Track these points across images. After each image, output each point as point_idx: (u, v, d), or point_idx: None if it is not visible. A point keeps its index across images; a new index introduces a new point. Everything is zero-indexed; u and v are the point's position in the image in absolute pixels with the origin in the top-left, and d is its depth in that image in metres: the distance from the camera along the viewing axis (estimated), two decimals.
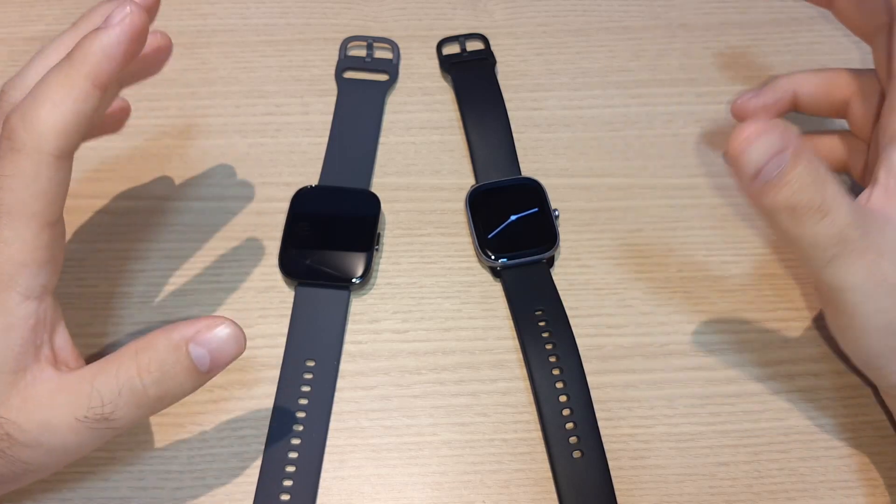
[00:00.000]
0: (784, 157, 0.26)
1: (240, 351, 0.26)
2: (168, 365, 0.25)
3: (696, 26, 0.44)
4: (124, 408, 0.25)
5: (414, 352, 0.34)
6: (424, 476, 0.31)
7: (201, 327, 0.26)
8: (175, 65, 0.42)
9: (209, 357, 0.26)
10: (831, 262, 0.27)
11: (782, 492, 0.31)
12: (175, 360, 0.25)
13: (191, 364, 0.25)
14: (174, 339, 0.25)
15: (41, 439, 0.25)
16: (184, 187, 0.38)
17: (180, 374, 0.25)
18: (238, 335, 0.26)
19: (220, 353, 0.26)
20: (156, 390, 0.25)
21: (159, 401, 0.26)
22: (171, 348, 0.25)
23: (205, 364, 0.26)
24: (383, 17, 0.44)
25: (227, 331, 0.26)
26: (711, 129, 0.41)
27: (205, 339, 0.25)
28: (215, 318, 0.26)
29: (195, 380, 0.26)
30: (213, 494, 0.31)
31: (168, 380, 0.25)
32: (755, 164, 0.26)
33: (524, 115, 0.41)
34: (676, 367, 0.34)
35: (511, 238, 0.36)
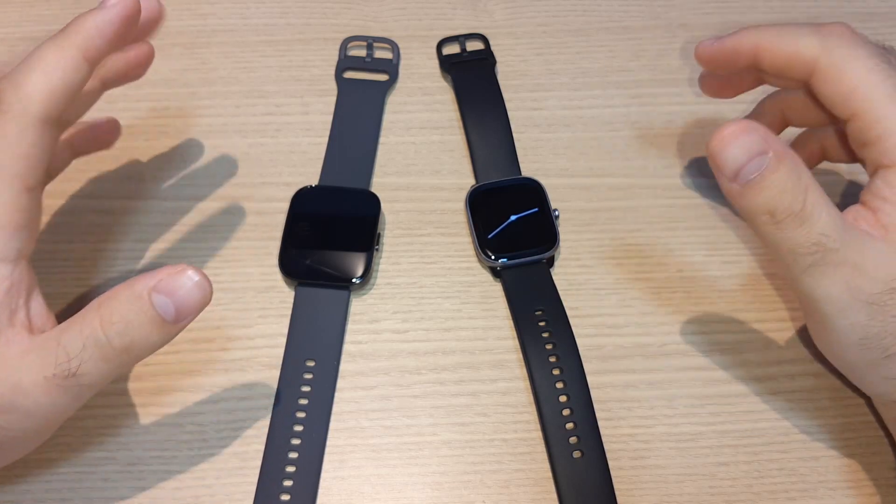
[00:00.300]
0: (765, 159, 0.25)
1: (205, 299, 0.25)
2: (131, 315, 0.25)
3: (696, 26, 0.44)
4: (90, 362, 0.25)
5: (414, 352, 0.34)
6: (424, 476, 0.31)
7: (163, 276, 0.25)
8: (175, 65, 0.42)
9: (173, 306, 0.25)
10: (808, 271, 0.27)
11: (782, 492, 0.31)
12: (138, 310, 0.25)
13: (154, 314, 0.25)
14: (136, 289, 0.25)
15: (15, 402, 0.25)
16: (184, 187, 0.38)
17: (145, 324, 0.25)
18: (203, 283, 0.25)
19: (184, 302, 0.25)
20: (120, 341, 0.25)
21: (125, 352, 0.25)
22: (133, 298, 0.25)
23: (170, 313, 0.25)
24: (383, 17, 0.44)
25: (191, 279, 0.25)
26: (711, 130, 0.40)
27: (167, 288, 0.25)
28: (178, 266, 0.25)
29: (162, 330, 0.25)
30: (213, 494, 0.31)
31: (132, 330, 0.25)
32: (735, 163, 0.26)
33: (524, 115, 0.41)
34: (676, 367, 0.34)
35: (511, 238, 0.36)
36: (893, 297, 0.27)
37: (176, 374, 0.33)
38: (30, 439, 0.27)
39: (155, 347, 0.26)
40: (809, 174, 0.26)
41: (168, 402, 0.33)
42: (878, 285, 0.27)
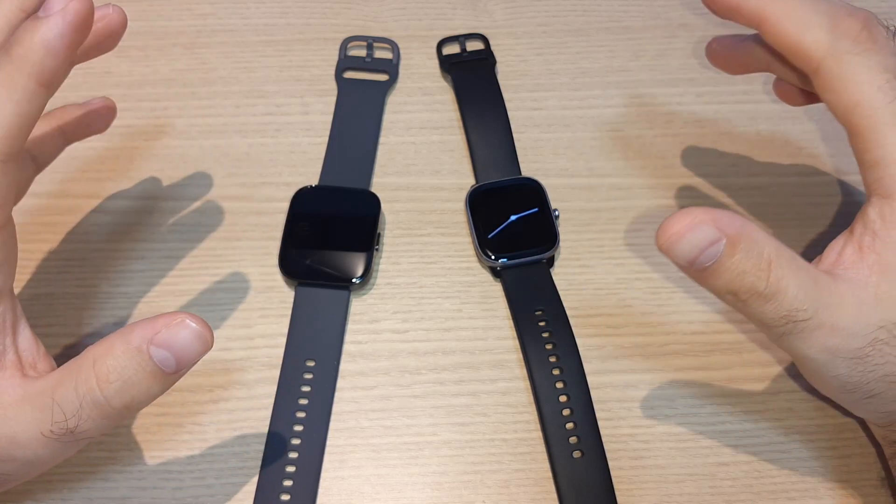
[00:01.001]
0: (718, 246, 0.24)
1: (205, 347, 0.24)
2: (129, 372, 0.24)
3: (696, 26, 0.44)
4: (88, 420, 0.24)
5: (414, 352, 0.34)
6: (424, 476, 0.31)
7: (160, 327, 0.24)
8: (175, 65, 0.42)
9: (174, 358, 0.24)
10: (782, 338, 0.26)
11: (782, 492, 0.31)
12: (136, 366, 0.24)
13: (154, 367, 0.24)
14: (133, 343, 0.24)
15: (12, 453, 0.24)
16: (184, 187, 0.38)
17: (144, 379, 0.24)
18: (202, 332, 0.24)
19: (185, 353, 0.24)
20: (119, 400, 0.24)
21: (126, 409, 0.24)
22: (131, 353, 0.24)
23: (170, 366, 0.24)
24: (383, 17, 0.44)
25: (190, 329, 0.24)
26: (711, 129, 0.41)
27: (166, 341, 0.23)
28: (175, 316, 0.24)
29: (161, 382, 0.24)
30: (213, 494, 0.31)
31: (131, 387, 0.24)
32: (687, 256, 0.25)
33: (524, 115, 0.41)
34: (676, 367, 0.34)
35: (511, 238, 0.36)
36: (875, 347, 0.26)
37: None
38: (27, 477, 0.27)
39: (154, 398, 0.25)
40: (774, 245, 0.25)
41: (168, 403, 0.33)
42: (857, 341, 0.26)
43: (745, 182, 0.39)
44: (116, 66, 0.42)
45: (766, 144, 0.40)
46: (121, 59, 0.42)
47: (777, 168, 0.39)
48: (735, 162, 0.40)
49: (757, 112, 0.41)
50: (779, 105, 0.41)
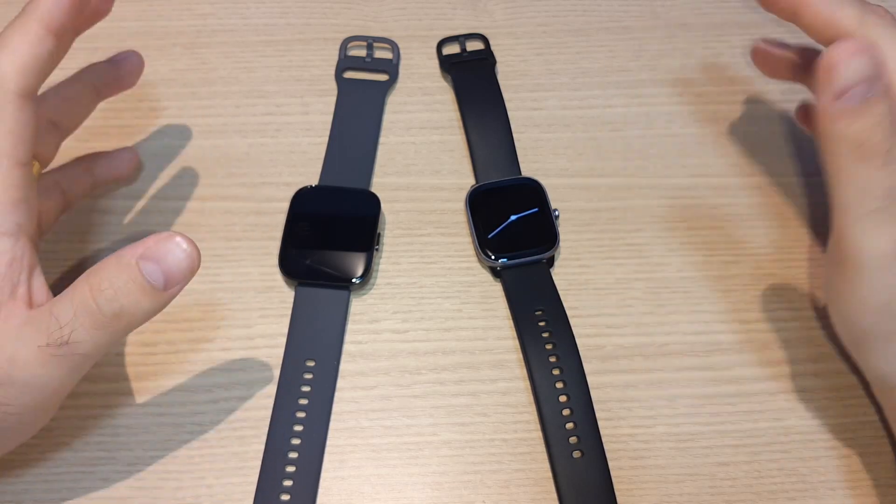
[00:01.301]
0: (875, 86, 0.25)
1: (193, 266, 0.26)
2: (120, 283, 0.25)
3: (696, 26, 0.44)
4: (81, 329, 0.25)
5: (414, 352, 0.34)
6: (424, 476, 0.31)
7: (150, 244, 0.26)
8: (175, 65, 0.42)
9: (162, 273, 0.25)
10: (867, 217, 0.26)
11: (782, 492, 0.31)
12: (127, 278, 0.25)
13: (143, 281, 0.25)
14: (125, 257, 0.25)
15: (12, 375, 0.25)
16: (184, 187, 0.38)
17: (134, 291, 0.25)
18: (191, 251, 0.26)
19: (173, 269, 0.26)
20: (110, 308, 0.25)
21: (116, 319, 0.25)
22: (122, 266, 0.25)
23: (158, 280, 0.25)
24: (383, 17, 0.44)
25: (177, 244, 0.26)
26: (711, 129, 0.41)
27: (155, 255, 0.25)
28: (165, 233, 0.26)
29: (152, 298, 0.26)
30: (213, 494, 0.31)
31: (122, 297, 0.25)
32: (844, 82, 0.25)
33: (524, 115, 0.41)
34: (676, 367, 0.34)
35: (511, 238, 0.36)
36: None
37: (176, 374, 0.33)
38: (30, 418, 0.27)
39: (147, 315, 0.26)
40: None
41: (168, 402, 0.33)
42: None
43: (745, 182, 0.39)
44: None
45: (765, 144, 0.40)
46: None
47: (777, 168, 0.39)
48: (735, 162, 0.40)
49: (756, 112, 0.41)
50: (779, 105, 0.41)
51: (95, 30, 0.43)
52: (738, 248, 0.37)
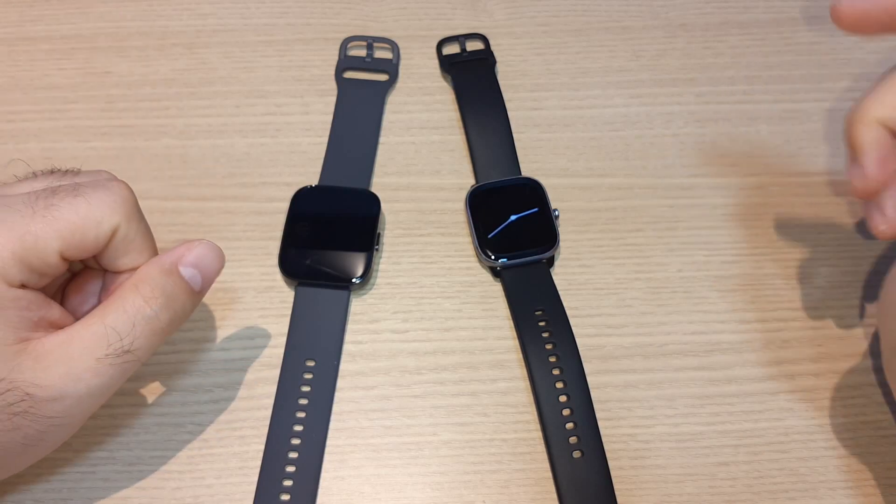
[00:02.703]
0: None
1: (222, 262, 0.29)
2: (168, 288, 0.27)
3: (696, 26, 0.44)
4: (141, 337, 0.26)
5: (414, 352, 0.34)
6: (424, 476, 0.31)
7: (183, 251, 0.28)
8: (175, 65, 0.42)
9: (199, 274, 0.28)
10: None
11: (782, 492, 0.31)
12: (173, 284, 0.27)
13: (186, 284, 0.28)
14: (166, 265, 0.28)
15: (66, 390, 0.25)
16: (184, 187, 0.38)
17: (181, 295, 0.27)
18: (216, 249, 0.29)
19: (207, 269, 0.28)
20: (166, 315, 0.27)
21: (170, 324, 0.27)
22: (166, 274, 0.27)
23: (197, 282, 0.28)
24: (383, 17, 0.44)
25: (206, 247, 0.28)
26: (711, 129, 0.41)
27: (192, 260, 0.28)
28: (191, 241, 0.28)
29: (192, 300, 0.28)
30: (213, 494, 0.31)
31: (172, 302, 0.27)
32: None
33: (524, 115, 0.41)
34: (676, 367, 0.34)
35: (511, 238, 0.36)
36: None
37: (176, 373, 0.33)
38: (69, 427, 0.27)
39: (187, 316, 0.28)
40: None
41: (168, 402, 0.33)
42: None
43: (745, 182, 0.39)
44: (116, 66, 0.42)
45: (765, 144, 0.40)
46: (121, 59, 0.42)
47: (777, 168, 0.39)
48: (735, 162, 0.40)
49: (757, 112, 0.41)
50: (779, 105, 0.41)
51: (96, 29, 0.43)
52: (738, 248, 0.37)
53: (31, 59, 0.42)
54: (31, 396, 0.25)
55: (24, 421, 0.25)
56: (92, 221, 0.26)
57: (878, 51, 0.43)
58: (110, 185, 0.27)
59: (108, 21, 0.44)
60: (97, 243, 0.27)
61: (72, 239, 0.26)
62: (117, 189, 0.27)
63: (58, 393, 0.25)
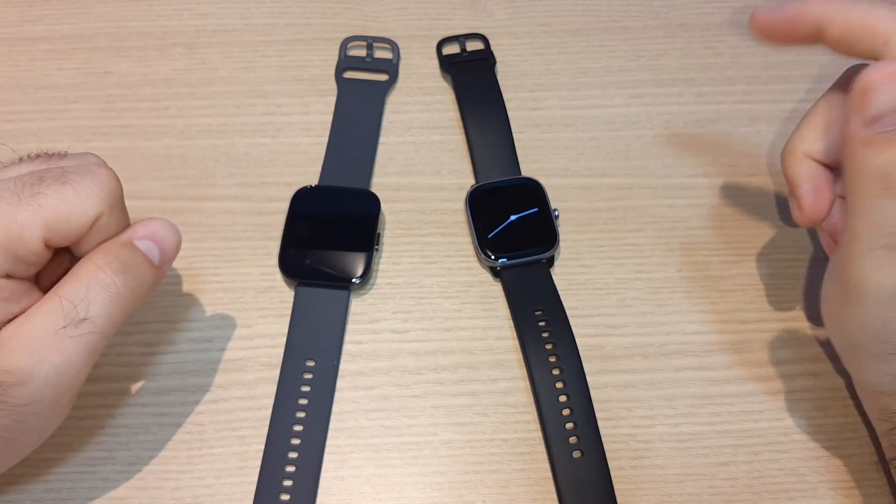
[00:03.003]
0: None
1: (177, 236, 0.28)
2: (124, 256, 0.27)
3: (696, 26, 0.44)
4: (97, 303, 0.26)
5: (414, 352, 0.34)
6: (424, 476, 0.31)
7: (137, 227, 0.28)
8: (175, 65, 0.42)
9: (156, 247, 0.28)
10: (877, 251, 0.25)
11: (782, 492, 0.31)
12: (129, 253, 0.27)
13: (142, 254, 0.27)
14: (121, 240, 0.27)
15: (32, 371, 0.25)
16: (184, 187, 0.38)
17: (139, 264, 0.27)
18: (171, 224, 0.28)
19: (163, 242, 0.28)
20: (122, 279, 0.26)
21: (128, 290, 0.26)
22: (121, 245, 0.27)
23: (155, 255, 0.28)
24: (383, 17, 0.44)
25: (161, 222, 0.28)
26: (711, 129, 0.41)
27: (146, 234, 0.28)
28: (147, 218, 0.28)
29: (152, 272, 0.28)
30: (213, 494, 0.31)
31: (130, 269, 0.27)
32: (880, 108, 0.24)
33: (524, 115, 0.41)
34: (676, 367, 0.34)
35: (511, 238, 0.36)
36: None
37: (176, 374, 0.33)
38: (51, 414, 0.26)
39: (150, 290, 0.28)
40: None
41: (168, 402, 0.33)
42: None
43: (744, 182, 0.39)
44: (116, 66, 0.42)
45: (765, 144, 0.40)
46: (121, 59, 0.42)
47: (777, 168, 0.39)
48: (735, 162, 0.40)
49: (757, 112, 0.41)
50: (779, 105, 0.41)
51: (96, 29, 0.43)
52: (738, 248, 0.37)
53: (31, 59, 0.42)
54: (1, 384, 0.24)
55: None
56: (79, 210, 0.26)
57: None
58: (98, 171, 0.27)
59: (108, 21, 0.44)
60: (80, 231, 0.26)
61: (57, 227, 0.25)
62: (104, 177, 0.27)
63: (23, 376, 0.25)
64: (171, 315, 0.35)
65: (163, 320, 0.35)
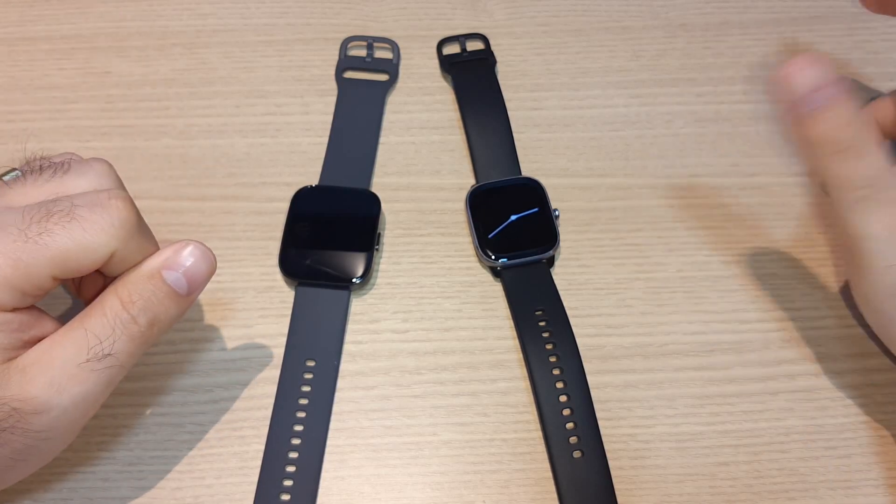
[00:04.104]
0: (830, 91, 0.27)
1: (212, 267, 0.28)
2: (148, 292, 0.27)
3: (696, 26, 0.44)
4: (121, 341, 0.26)
5: (414, 352, 0.34)
6: (424, 476, 0.31)
7: (169, 254, 0.27)
8: (175, 65, 0.42)
9: (185, 279, 0.27)
10: (855, 205, 0.28)
11: (782, 492, 0.31)
12: (154, 288, 0.27)
13: (169, 289, 0.27)
14: (147, 270, 0.27)
15: (51, 401, 0.25)
16: (184, 187, 0.38)
17: (163, 300, 0.27)
18: (206, 253, 0.28)
19: (194, 274, 0.27)
20: (144, 318, 0.26)
21: (150, 328, 0.27)
22: (147, 278, 0.27)
23: (182, 287, 0.27)
24: (383, 17, 0.44)
25: (195, 251, 0.27)
26: (711, 129, 0.41)
27: (175, 264, 0.27)
28: (181, 242, 0.27)
29: (178, 304, 0.27)
30: (213, 494, 0.31)
31: (153, 307, 0.27)
32: (800, 88, 0.27)
33: (524, 115, 0.41)
34: (676, 367, 0.34)
35: (511, 238, 0.36)
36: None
37: (176, 374, 0.33)
38: (59, 440, 0.27)
39: (174, 320, 0.28)
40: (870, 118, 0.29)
41: (168, 402, 0.33)
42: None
43: (745, 182, 0.39)
44: (116, 66, 0.42)
45: (765, 144, 0.40)
46: (121, 59, 0.42)
47: (777, 168, 0.39)
48: (735, 162, 0.40)
49: (757, 112, 0.41)
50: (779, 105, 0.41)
51: (96, 29, 0.43)
52: (738, 248, 0.37)
53: (31, 59, 0.42)
54: (18, 411, 0.24)
55: (12, 436, 0.25)
56: (88, 249, 0.25)
57: (878, 51, 0.43)
58: (109, 205, 0.26)
59: (108, 21, 0.44)
60: (92, 266, 0.26)
61: (65, 265, 0.25)
62: (115, 211, 0.26)
63: (42, 405, 0.25)
64: None
65: None
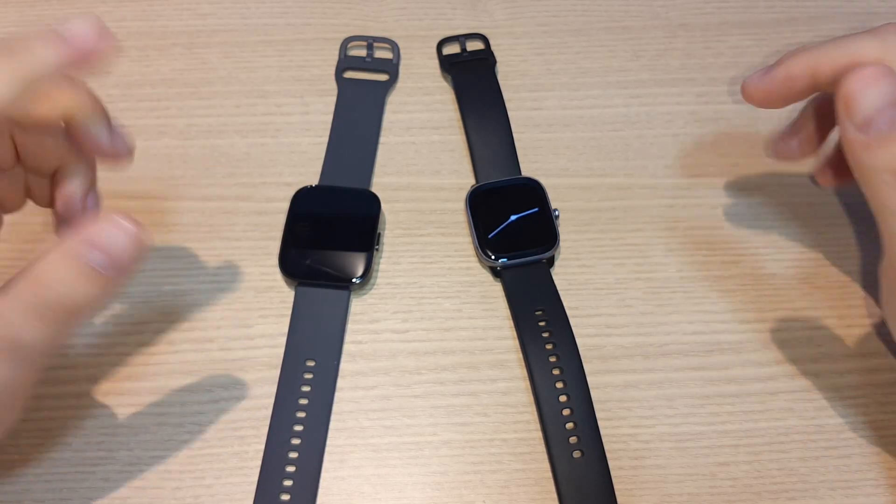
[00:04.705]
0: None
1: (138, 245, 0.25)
2: (61, 272, 0.24)
3: (696, 26, 0.44)
4: (28, 325, 0.24)
5: (414, 352, 0.34)
6: (424, 476, 0.31)
7: (91, 229, 0.25)
8: (175, 65, 0.42)
9: (107, 258, 0.24)
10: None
11: (782, 492, 0.31)
12: (67, 266, 0.24)
13: (88, 269, 0.24)
14: (65, 246, 0.24)
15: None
16: (184, 187, 0.38)
17: (79, 280, 0.24)
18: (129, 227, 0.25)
19: (117, 252, 0.24)
20: (55, 300, 0.24)
21: (64, 311, 0.24)
22: (61, 256, 0.24)
23: (102, 263, 0.24)
24: (383, 17, 0.44)
25: (116, 224, 0.25)
26: (711, 129, 0.41)
27: (96, 241, 0.24)
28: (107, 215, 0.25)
29: (97, 283, 0.24)
30: (213, 494, 0.31)
31: (65, 288, 0.24)
32: (868, 110, 0.24)
33: (524, 115, 0.41)
34: (676, 367, 0.34)
35: (511, 238, 0.36)
36: None
37: (176, 374, 0.33)
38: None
39: (95, 301, 0.25)
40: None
41: (168, 402, 0.33)
42: None
43: (745, 182, 0.39)
44: (116, 66, 0.42)
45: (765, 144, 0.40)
46: (121, 58, 0.42)
47: (777, 168, 0.39)
48: (735, 162, 0.40)
49: (757, 112, 0.41)
50: None
51: None
52: (738, 248, 0.37)
53: None
54: None
55: None
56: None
57: None
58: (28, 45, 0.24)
59: (108, 21, 0.43)
60: None
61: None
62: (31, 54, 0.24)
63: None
64: (171, 315, 0.35)
65: (163, 320, 0.35)
